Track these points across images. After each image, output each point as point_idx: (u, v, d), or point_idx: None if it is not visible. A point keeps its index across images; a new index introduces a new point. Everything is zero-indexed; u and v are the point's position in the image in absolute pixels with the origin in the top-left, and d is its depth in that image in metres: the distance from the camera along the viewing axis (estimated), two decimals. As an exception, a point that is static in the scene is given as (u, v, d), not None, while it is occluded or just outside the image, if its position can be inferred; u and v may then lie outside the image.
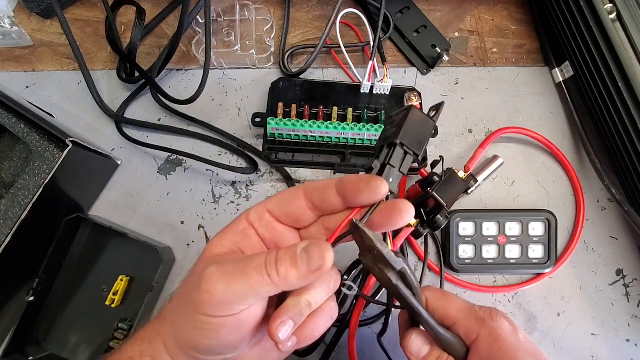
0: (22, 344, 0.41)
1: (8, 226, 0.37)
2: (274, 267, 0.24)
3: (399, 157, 0.26)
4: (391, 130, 0.27)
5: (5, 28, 0.47)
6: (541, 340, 0.44)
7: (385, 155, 0.26)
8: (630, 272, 0.46)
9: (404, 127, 0.26)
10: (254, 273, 0.24)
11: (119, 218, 0.45)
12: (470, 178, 0.46)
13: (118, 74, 0.49)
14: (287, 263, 0.24)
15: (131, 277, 0.43)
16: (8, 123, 0.39)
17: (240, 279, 0.24)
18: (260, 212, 0.28)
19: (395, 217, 0.25)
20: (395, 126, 0.26)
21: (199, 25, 0.48)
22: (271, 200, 0.28)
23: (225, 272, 0.24)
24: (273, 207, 0.28)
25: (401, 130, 0.26)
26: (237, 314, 0.24)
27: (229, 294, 0.23)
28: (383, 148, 0.27)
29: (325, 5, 0.53)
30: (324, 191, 0.26)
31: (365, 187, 0.25)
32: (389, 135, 0.27)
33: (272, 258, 0.24)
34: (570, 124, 0.49)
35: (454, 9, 0.53)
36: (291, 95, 0.46)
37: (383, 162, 0.26)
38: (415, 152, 0.26)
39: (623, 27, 0.42)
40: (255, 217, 0.28)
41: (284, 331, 0.24)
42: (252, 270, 0.24)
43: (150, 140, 0.47)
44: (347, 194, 0.26)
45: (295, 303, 0.25)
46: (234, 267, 0.24)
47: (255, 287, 0.24)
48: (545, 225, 0.44)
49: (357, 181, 0.25)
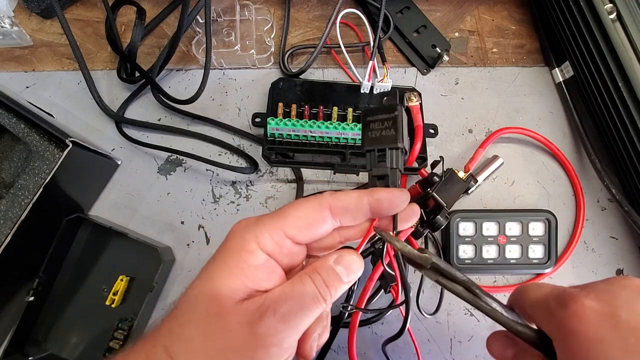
0: (22, 344, 0.41)
1: (8, 226, 0.37)
2: (327, 290, 0.23)
3: (400, 158, 0.28)
4: (388, 132, 0.28)
5: (5, 28, 0.47)
6: (541, 340, 0.44)
7: (391, 160, 0.28)
8: (630, 272, 0.46)
9: (402, 130, 0.27)
10: (312, 304, 0.23)
11: (119, 218, 0.45)
12: (470, 178, 0.46)
13: (118, 73, 0.49)
14: (336, 283, 0.24)
15: (131, 277, 0.43)
16: (8, 123, 0.39)
17: (302, 318, 0.23)
18: (279, 240, 0.24)
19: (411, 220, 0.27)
20: (392, 128, 0.28)
21: (199, 25, 0.48)
22: (290, 223, 0.24)
23: (284, 317, 0.22)
24: (295, 233, 0.24)
25: (401, 133, 0.27)
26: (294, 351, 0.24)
27: (295, 336, 0.23)
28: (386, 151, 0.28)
29: (325, 5, 0.53)
30: (357, 211, 0.25)
31: (402, 204, 0.25)
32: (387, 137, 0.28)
33: (321, 282, 0.23)
34: (570, 124, 0.49)
35: (454, 9, 0.53)
36: (291, 95, 0.46)
37: (391, 167, 0.27)
38: (406, 151, 0.28)
39: (623, 27, 0.42)
40: (274, 246, 0.24)
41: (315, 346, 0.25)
42: (309, 303, 0.23)
43: (150, 140, 0.47)
44: (383, 212, 0.25)
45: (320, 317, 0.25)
46: (291, 307, 0.22)
47: (314, 315, 0.23)
48: (545, 225, 0.44)
49: (393, 199, 0.25)
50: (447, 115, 0.49)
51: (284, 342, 0.22)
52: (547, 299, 0.22)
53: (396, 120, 0.27)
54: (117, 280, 0.43)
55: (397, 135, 0.27)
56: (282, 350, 0.22)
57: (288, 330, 0.22)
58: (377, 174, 0.28)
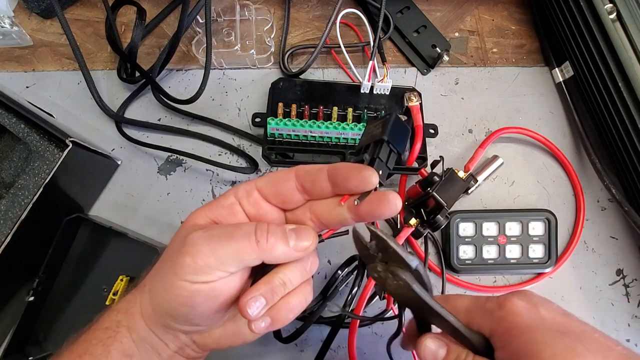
0: (22, 344, 0.41)
1: (8, 226, 0.37)
2: (265, 235, 0.25)
3: (385, 152, 0.27)
4: (376, 130, 0.28)
5: (5, 28, 0.47)
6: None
7: (373, 150, 0.27)
8: (630, 272, 0.46)
9: (388, 127, 0.27)
10: (242, 238, 0.25)
11: (119, 218, 0.45)
12: (470, 178, 0.46)
13: (118, 73, 0.49)
14: (278, 235, 0.25)
15: (131, 277, 0.43)
16: (8, 123, 0.39)
17: (227, 243, 0.24)
18: (249, 189, 0.28)
19: (383, 207, 0.25)
20: (380, 127, 0.28)
21: (199, 25, 0.48)
22: (262, 179, 0.28)
23: (211, 235, 0.25)
24: (262, 185, 0.28)
25: (386, 129, 0.27)
26: (214, 281, 0.24)
27: (212, 258, 0.24)
28: (370, 145, 0.28)
29: (325, 5, 0.53)
30: (316, 175, 0.26)
31: (357, 174, 0.25)
32: (374, 134, 0.28)
33: (264, 227, 0.25)
34: (570, 124, 0.49)
35: (454, 9, 0.53)
36: (291, 95, 0.46)
37: (372, 156, 0.27)
38: (398, 151, 0.28)
39: (623, 27, 0.42)
40: (244, 193, 0.28)
41: (254, 307, 0.25)
42: (240, 236, 0.25)
43: (150, 140, 0.47)
44: (339, 180, 0.26)
45: (269, 280, 0.26)
46: (221, 232, 0.25)
47: (240, 252, 0.24)
48: (545, 225, 0.44)
49: (349, 168, 0.26)
50: (447, 115, 0.49)
51: (199, 258, 0.24)
52: (482, 304, 0.27)
53: (387, 121, 0.27)
54: (117, 280, 0.43)
55: (383, 130, 0.27)
56: (196, 266, 0.24)
57: (207, 248, 0.24)
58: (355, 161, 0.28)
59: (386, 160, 0.27)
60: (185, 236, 0.25)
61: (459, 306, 0.28)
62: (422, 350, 0.27)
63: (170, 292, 0.25)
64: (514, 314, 0.25)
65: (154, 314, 0.26)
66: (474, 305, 0.27)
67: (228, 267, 0.25)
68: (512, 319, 0.24)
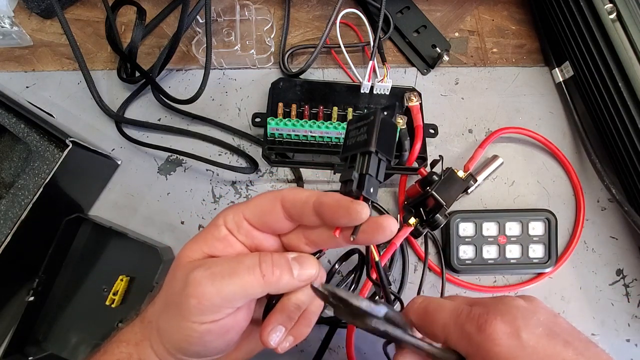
0: (22, 344, 0.41)
1: (8, 226, 0.37)
2: (270, 268, 0.24)
3: (375, 165, 0.25)
4: (361, 136, 0.26)
5: (5, 28, 0.47)
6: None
7: (361, 165, 0.25)
8: (630, 272, 0.46)
9: (374, 134, 0.25)
10: (246, 273, 0.24)
11: (119, 218, 0.45)
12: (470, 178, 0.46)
13: (118, 73, 0.49)
14: (283, 267, 0.25)
15: (131, 277, 0.43)
16: (8, 123, 0.39)
17: (231, 280, 0.24)
18: (237, 221, 0.26)
19: (379, 235, 0.24)
20: (365, 133, 0.25)
21: (199, 25, 0.48)
22: (248, 208, 0.26)
23: (214, 274, 0.24)
24: (250, 216, 0.26)
25: (373, 137, 0.25)
26: (223, 318, 0.24)
27: (218, 297, 0.23)
28: (356, 157, 0.26)
29: (325, 5, 0.53)
30: (302, 209, 0.25)
31: (345, 213, 0.24)
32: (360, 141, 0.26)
33: (268, 259, 0.25)
34: (570, 124, 0.49)
35: (454, 9, 0.53)
36: (291, 95, 0.46)
37: (361, 172, 0.25)
38: (387, 158, 0.26)
39: (623, 27, 0.42)
40: (233, 225, 0.26)
41: (276, 337, 0.25)
42: (243, 270, 0.24)
43: (150, 140, 0.47)
44: (326, 217, 0.24)
45: (283, 308, 0.26)
46: (223, 269, 0.24)
47: (246, 287, 0.24)
48: (545, 224, 0.44)
49: (335, 206, 0.24)
50: (447, 115, 0.49)
51: (205, 299, 0.23)
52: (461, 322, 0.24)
53: (372, 125, 0.25)
54: (117, 280, 0.43)
55: (369, 138, 0.25)
56: (203, 307, 0.23)
57: (211, 288, 0.23)
58: (343, 179, 0.25)
59: (376, 173, 0.25)
60: (186, 274, 0.24)
61: (437, 321, 0.26)
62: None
63: (179, 333, 0.24)
64: (493, 342, 0.22)
65: (166, 352, 0.26)
66: (453, 322, 0.25)
67: (235, 303, 0.24)
68: (490, 348, 0.22)
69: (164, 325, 0.26)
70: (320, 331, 0.43)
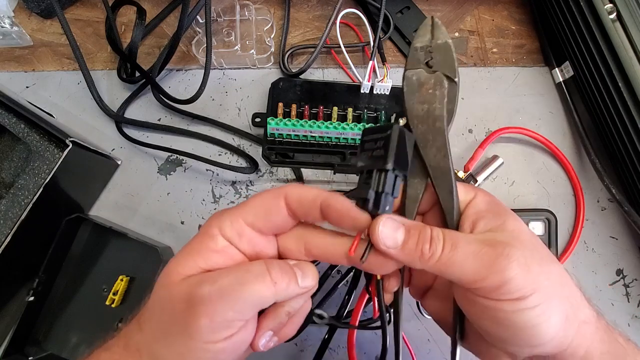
0: (22, 344, 0.41)
1: (8, 226, 0.37)
2: (279, 275, 0.23)
3: (391, 182, 0.25)
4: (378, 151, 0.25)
5: (5, 28, 0.47)
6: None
7: (377, 182, 0.25)
8: (630, 272, 0.46)
9: (392, 151, 0.24)
10: (256, 281, 0.23)
11: (119, 218, 0.45)
12: (470, 178, 0.46)
13: (118, 73, 0.49)
14: (291, 275, 0.24)
15: (131, 277, 0.43)
16: (8, 123, 0.39)
17: (242, 292, 0.22)
18: (238, 228, 0.24)
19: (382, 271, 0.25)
20: (382, 148, 0.25)
21: (199, 25, 0.48)
22: (247, 211, 0.24)
23: (222, 289, 0.22)
24: (254, 220, 0.24)
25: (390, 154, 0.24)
26: (236, 333, 0.23)
27: (231, 311, 0.22)
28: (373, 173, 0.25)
29: (325, 5, 0.53)
30: (309, 207, 0.24)
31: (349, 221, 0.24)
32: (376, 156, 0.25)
33: (276, 266, 0.24)
34: (570, 124, 0.49)
35: (454, 9, 0.53)
36: (291, 95, 0.46)
37: (377, 190, 0.24)
38: (404, 174, 0.25)
39: (623, 27, 0.42)
40: (234, 233, 0.24)
41: (264, 341, 0.25)
42: (253, 279, 0.23)
43: (150, 140, 0.47)
44: (331, 220, 0.24)
45: (276, 315, 0.25)
46: (231, 281, 0.22)
47: (257, 296, 0.23)
48: (545, 224, 0.44)
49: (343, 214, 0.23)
50: (447, 115, 0.49)
51: (217, 316, 0.22)
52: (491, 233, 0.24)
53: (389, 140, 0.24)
54: (117, 280, 0.43)
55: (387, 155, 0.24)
56: (215, 325, 0.22)
57: (222, 304, 0.22)
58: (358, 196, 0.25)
59: (392, 190, 0.25)
60: (187, 293, 0.22)
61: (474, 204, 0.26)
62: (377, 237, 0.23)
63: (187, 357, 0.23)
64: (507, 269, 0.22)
65: None
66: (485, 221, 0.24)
67: (246, 315, 0.23)
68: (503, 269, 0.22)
69: (164, 353, 0.23)
70: (321, 331, 0.43)
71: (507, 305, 0.22)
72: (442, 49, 0.26)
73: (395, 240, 0.23)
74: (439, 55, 0.27)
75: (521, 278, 0.22)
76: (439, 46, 0.26)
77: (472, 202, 0.26)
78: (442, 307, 0.29)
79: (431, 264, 0.23)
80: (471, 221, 0.25)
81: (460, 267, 0.22)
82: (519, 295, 0.22)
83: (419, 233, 0.23)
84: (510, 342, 0.23)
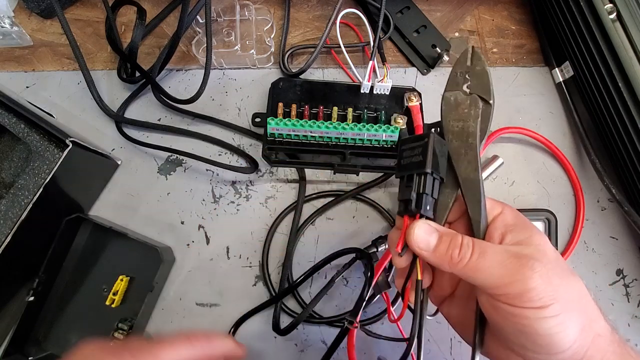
0: (22, 344, 0.41)
1: (8, 226, 0.37)
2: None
3: (430, 184, 0.28)
4: (416, 157, 0.28)
5: (5, 28, 0.47)
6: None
7: (418, 185, 0.28)
8: (630, 272, 0.46)
9: (429, 156, 0.27)
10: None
11: (119, 218, 0.45)
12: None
13: (118, 73, 0.49)
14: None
15: (131, 277, 0.43)
16: (8, 123, 0.39)
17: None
18: None
19: None
20: (420, 154, 0.28)
21: (199, 25, 0.48)
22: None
23: None
24: None
25: (427, 159, 0.27)
26: None
27: None
28: (413, 177, 0.28)
29: (325, 5, 0.53)
30: None
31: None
32: (415, 162, 0.28)
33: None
34: (570, 124, 0.49)
35: (454, 9, 0.53)
36: (291, 95, 0.46)
37: (418, 192, 0.27)
38: (441, 177, 0.28)
39: (623, 27, 0.42)
40: None
41: None
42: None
43: (150, 140, 0.47)
44: None
45: None
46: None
47: None
48: (545, 224, 0.44)
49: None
50: (447, 115, 0.49)
51: None
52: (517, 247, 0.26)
53: (426, 147, 0.27)
54: (117, 280, 0.43)
55: (425, 160, 0.27)
56: None
57: None
58: (402, 198, 0.28)
59: (431, 191, 0.28)
60: None
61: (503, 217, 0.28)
62: (412, 239, 0.26)
63: None
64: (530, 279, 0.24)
65: None
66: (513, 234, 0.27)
67: None
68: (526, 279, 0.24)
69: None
70: (321, 332, 0.43)
71: (529, 313, 0.23)
72: (479, 75, 0.29)
73: (428, 243, 0.26)
74: (476, 80, 0.29)
75: (542, 288, 0.23)
76: (477, 72, 0.29)
77: (501, 216, 0.28)
78: (461, 314, 0.30)
79: (459, 268, 0.25)
80: (500, 233, 0.27)
81: (486, 273, 0.25)
82: (540, 304, 0.23)
83: (451, 240, 0.26)
84: (530, 349, 0.24)
